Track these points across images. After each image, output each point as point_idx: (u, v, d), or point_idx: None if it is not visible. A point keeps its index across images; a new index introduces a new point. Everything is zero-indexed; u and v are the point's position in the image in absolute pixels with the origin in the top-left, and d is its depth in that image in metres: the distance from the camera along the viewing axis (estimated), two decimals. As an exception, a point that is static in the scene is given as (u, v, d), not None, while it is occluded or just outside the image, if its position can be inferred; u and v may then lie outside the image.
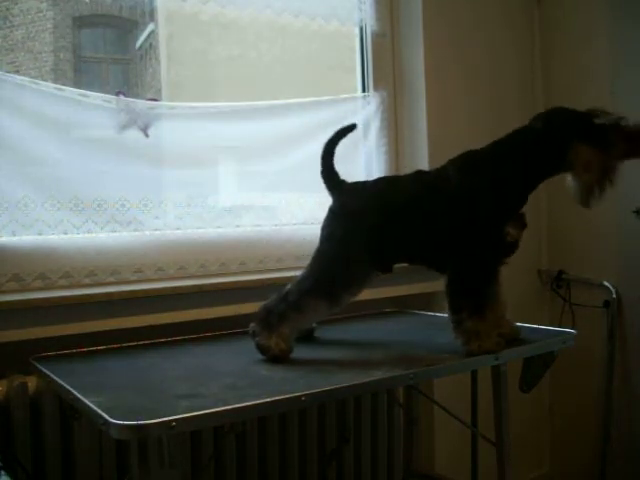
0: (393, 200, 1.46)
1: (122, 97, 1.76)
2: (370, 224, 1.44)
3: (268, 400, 1.08)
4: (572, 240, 2.51)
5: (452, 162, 1.51)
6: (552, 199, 2.58)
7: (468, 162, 1.48)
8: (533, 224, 2.55)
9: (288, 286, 1.45)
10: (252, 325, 1.43)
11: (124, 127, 1.76)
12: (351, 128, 1.54)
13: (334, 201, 1.50)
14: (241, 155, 2.01)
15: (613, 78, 2.34)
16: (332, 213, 1.49)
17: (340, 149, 2.12)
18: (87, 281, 1.69)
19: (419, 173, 1.55)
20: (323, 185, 1.52)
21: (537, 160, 1.42)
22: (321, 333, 1.66)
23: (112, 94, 1.75)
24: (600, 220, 2.40)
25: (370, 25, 2.21)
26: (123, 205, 1.76)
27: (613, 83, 2.34)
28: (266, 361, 1.37)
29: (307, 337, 1.60)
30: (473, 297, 1.40)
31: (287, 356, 1.39)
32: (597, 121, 1.38)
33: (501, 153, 1.46)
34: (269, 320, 1.40)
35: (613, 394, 2.38)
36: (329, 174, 1.51)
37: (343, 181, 1.52)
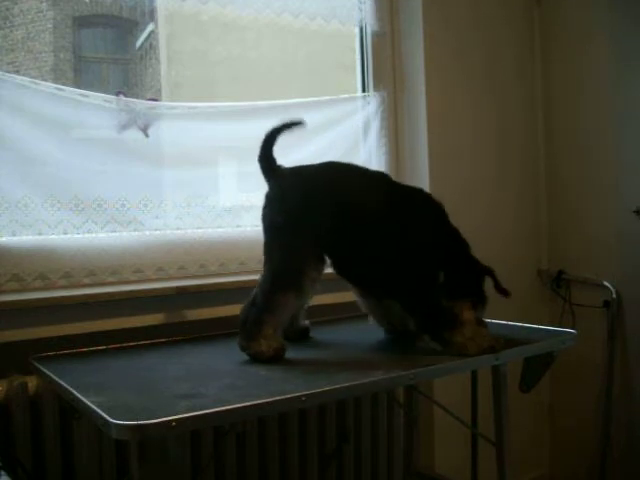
0: (349, 195, 1.45)
1: (122, 97, 1.76)
2: (320, 212, 1.42)
3: (268, 400, 1.08)
4: (572, 240, 2.51)
5: (422, 190, 1.54)
6: (552, 199, 2.58)
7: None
8: (533, 224, 2.57)
9: (254, 290, 1.44)
10: (239, 341, 1.42)
11: (124, 127, 1.76)
12: (298, 123, 1.52)
13: (271, 187, 1.49)
14: (241, 155, 2.01)
15: (613, 78, 2.34)
16: (270, 200, 1.47)
17: (340, 149, 2.12)
18: (87, 281, 1.69)
19: (386, 181, 1.54)
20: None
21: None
22: (321, 333, 1.66)
23: (112, 94, 1.75)
24: (600, 220, 2.41)
25: (370, 25, 2.21)
26: (123, 205, 1.76)
27: (613, 83, 2.34)
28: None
29: (302, 336, 1.60)
30: (441, 315, 1.40)
31: (282, 353, 1.38)
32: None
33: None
34: (248, 330, 1.39)
35: (613, 394, 2.38)
36: (266, 159, 1.50)
37: (280, 167, 1.51)
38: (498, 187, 2.44)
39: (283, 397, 1.10)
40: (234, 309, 1.71)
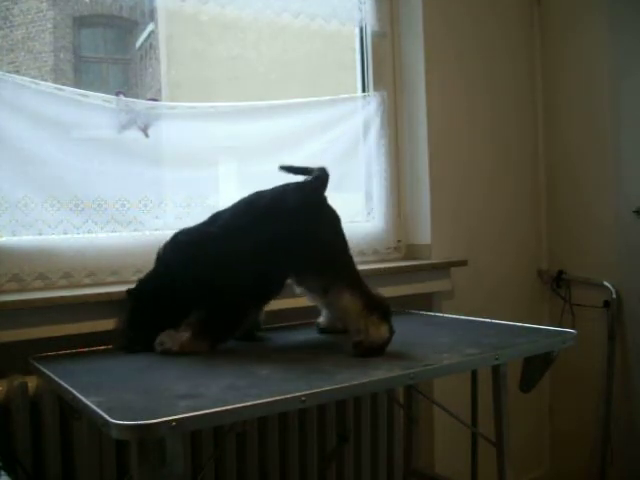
0: None
1: (122, 97, 1.76)
2: None
3: (268, 400, 1.08)
4: (572, 240, 2.51)
5: None
6: (552, 199, 2.58)
7: None
8: (533, 224, 2.57)
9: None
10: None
11: (124, 127, 1.76)
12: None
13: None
14: (241, 155, 2.01)
15: (613, 77, 2.34)
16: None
17: (340, 149, 2.13)
18: (87, 281, 1.69)
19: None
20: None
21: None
22: (321, 334, 1.66)
23: (112, 94, 1.75)
24: (600, 220, 2.41)
25: (370, 25, 2.21)
26: (123, 205, 1.76)
27: (613, 82, 2.34)
28: (268, 360, 1.37)
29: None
30: None
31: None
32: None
33: None
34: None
35: (613, 394, 2.38)
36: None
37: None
38: (498, 187, 2.44)
39: (283, 397, 1.09)
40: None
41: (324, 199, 1.49)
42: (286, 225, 1.43)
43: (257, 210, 1.47)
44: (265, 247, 1.43)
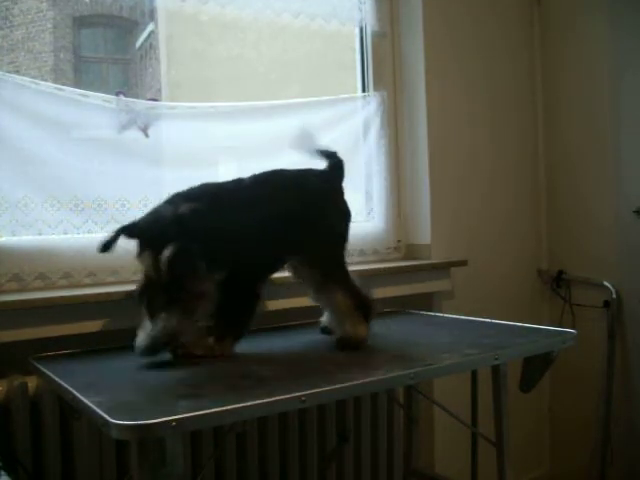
0: None
1: (122, 97, 1.76)
2: None
3: (268, 400, 1.08)
4: (572, 240, 2.51)
5: None
6: (552, 199, 2.58)
7: None
8: (533, 224, 2.57)
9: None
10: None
11: (124, 127, 1.76)
12: None
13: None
14: (241, 155, 2.01)
15: (613, 77, 2.34)
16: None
17: (340, 149, 2.13)
18: (87, 281, 1.69)
19: None
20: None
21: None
22: (320, 333, 1.66)
23: (112, 94, 1.75)
24: (600, 220, 2.41)
25: (370, 25, 2.21)
26: (123, 205, 1.76)
27: (613, 82, 2.34)
28: (268, 360, 1.37)
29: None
30: None
31: None
32: None
33: None
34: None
35: (613, 394, 2.38)
36: None
37: None
38: (498, 187, 2.44)
39: (283, 397, 1.09)
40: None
41: (342, 190, 1.56)
42: (300, 205, 1.47)
43: (276, 184, 1.50)
44: (274, 222, 1.44)
